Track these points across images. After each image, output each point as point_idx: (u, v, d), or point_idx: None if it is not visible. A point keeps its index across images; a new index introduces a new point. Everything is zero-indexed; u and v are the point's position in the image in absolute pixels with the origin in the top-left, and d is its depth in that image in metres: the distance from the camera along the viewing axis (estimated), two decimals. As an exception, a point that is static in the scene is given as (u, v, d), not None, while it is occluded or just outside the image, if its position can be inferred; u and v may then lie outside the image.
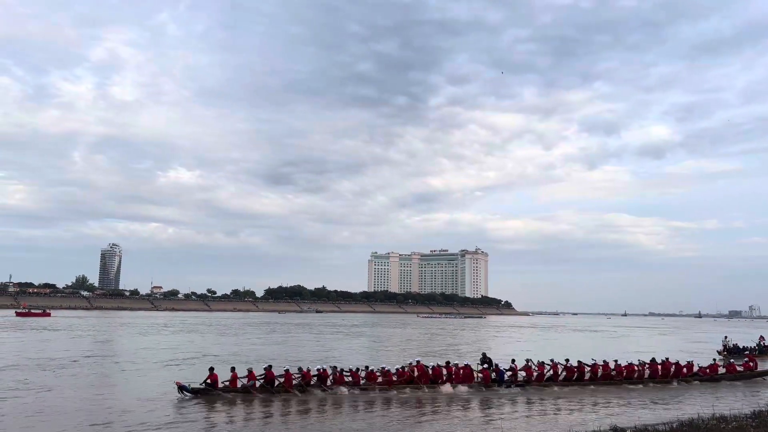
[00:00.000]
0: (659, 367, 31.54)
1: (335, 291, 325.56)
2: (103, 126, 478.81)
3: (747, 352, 50.75)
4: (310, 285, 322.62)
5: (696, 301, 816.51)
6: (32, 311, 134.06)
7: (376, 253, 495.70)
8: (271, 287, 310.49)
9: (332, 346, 59.84)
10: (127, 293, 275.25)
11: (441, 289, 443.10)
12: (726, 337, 55.43)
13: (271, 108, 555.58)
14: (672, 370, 31.89)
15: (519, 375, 28.98)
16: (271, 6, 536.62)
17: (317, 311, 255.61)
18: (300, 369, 26.41)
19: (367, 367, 27.48)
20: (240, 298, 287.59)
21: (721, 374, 33.26)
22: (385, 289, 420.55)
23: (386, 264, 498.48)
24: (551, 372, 29.51)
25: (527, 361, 30.44)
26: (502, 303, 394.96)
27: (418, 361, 28.13)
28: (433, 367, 27.91)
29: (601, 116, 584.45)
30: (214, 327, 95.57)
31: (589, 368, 30.10)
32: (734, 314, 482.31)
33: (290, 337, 73.06)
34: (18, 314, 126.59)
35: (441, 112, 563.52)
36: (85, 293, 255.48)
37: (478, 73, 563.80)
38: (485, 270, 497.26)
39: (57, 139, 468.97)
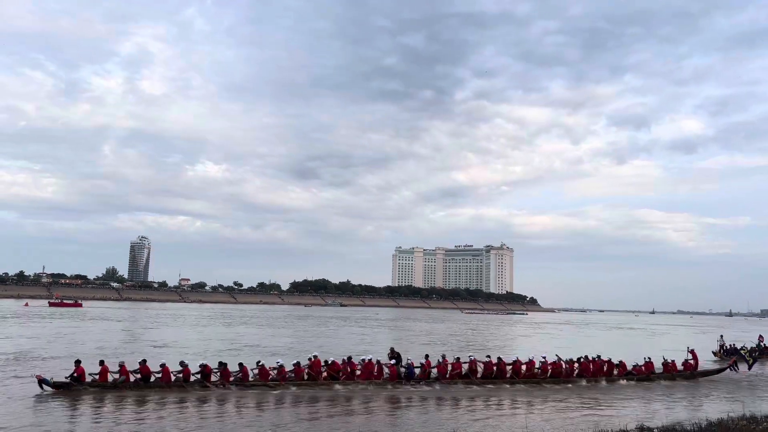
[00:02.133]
0: (589, 365, 30.35)
1: (359, 285, 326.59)
2: (132, 120, 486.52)
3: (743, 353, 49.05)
4: (335, 279, 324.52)
5: (726, 299, 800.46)
6: (64, 302, 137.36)
7: (400, 247, 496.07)
8: (297, 281, 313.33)
9: (375, 339, 60.78)
10: (156, 285, 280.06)
11: (465, 285, 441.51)
12: (721, 337, 52.16)
13: (298, 102, 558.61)
14: (605, 368, 30.70)
15: (433, 372, 27.35)
16: (297, 1, 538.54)
17: (341, 305, 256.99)
18: (181, 363, 24.49)
19: (258, 362, 25.43)
20: (266, 291, 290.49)
21: (658, 373, 31.97)
22: (409, 283, 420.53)
23: (411, 259, 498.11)
24: (476, 369, 28.01)
25: (469, 356, 29.15)
26: (528, 299, 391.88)
27: (315, 356, 26.31)
28: (332, 362, 26.22)
29: (631, 110, 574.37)
30: (262, 319, 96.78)
31: (510, 365, 28.65)
32: (766, 313, 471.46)
33: (331, 330, 74.07)
34: (51, 304, 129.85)
35: (467, 106, 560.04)
36: (115, 285, 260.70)
37: (505, 66, 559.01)
38: (510, 266, 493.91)
39: (88, 133, 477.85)
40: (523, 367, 28.88)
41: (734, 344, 49.50)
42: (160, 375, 23.89)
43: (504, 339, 70.59)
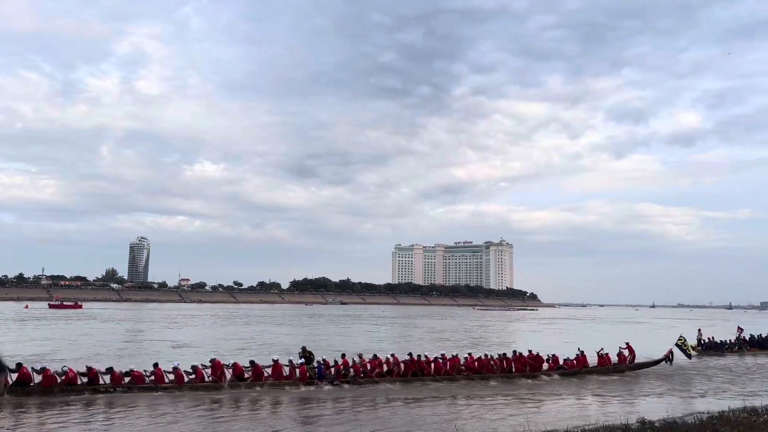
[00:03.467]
0: (519, 360, 29.56)
1: (359, 283, 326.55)
2: (129, 120, 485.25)
3: (727, 347, 46.70)
4: (335, 277, 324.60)
5: (727, 292, 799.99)
6: (64, 303, 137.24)
7: (400, 245, 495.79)
8: (297, 279, 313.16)
9: (390, 336, 60.92)
10: (156, 286, 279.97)
11: (465, 281, 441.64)
12: (699, 331, 49.51)
13: (296, 100, 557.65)
14: (535, 363, 29.83)
15: (349, 371, 25.96)
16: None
17: (342, 303, 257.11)
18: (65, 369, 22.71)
19: (156, 364, 23.92)
20: (266, 290, 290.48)
21: (591, 367, 31.13)
22: (409, 281, 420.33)
23: (410, 256, 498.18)
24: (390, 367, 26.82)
25: (389, 355, 27.84)
26: (528, 295, 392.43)
27: (214, 359, 24.74)
28: (234, 363, 24.68)
29: (630, 104, 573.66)
30: (279, 318, 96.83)
31: (433, 362, 27.53)
32: (766, 305, 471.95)
33: (343, 328, 74.16)
34: (51, 306, 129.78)
35: (465, 102, 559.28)
36: (114, 286, 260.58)
37: (502, 61, 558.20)
38: (510, 262, 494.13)
39: (86, 134, 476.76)
40: (444, 365, 27.68)
41: (713, 338, 48.30)
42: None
43: (517, 335, 70.70)
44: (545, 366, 30.28)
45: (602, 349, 32.70)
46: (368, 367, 26.60)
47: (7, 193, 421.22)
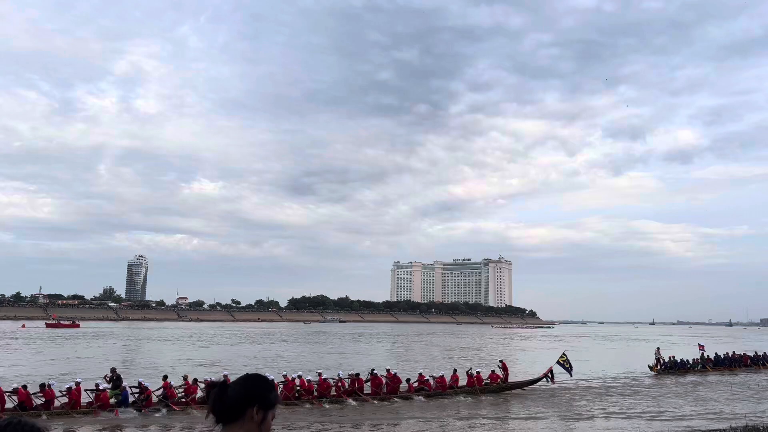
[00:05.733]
0: (373, 380, 28.05)
1: (358, 301, 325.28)
2: (127, 139, 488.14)
3: (688, 366, 44.68)
4: (333, 295, 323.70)
5: (726, 309, 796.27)
6: (61, 322, 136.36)
7: (398, 262, 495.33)
8: (295, 297, 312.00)
9: (407, 355, 60.49)
10: (153, 304, 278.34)
11: (464, 299, 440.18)
12: (658, 350, 47.12)
13: (293, 118, 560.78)
14: (393, 384, 28.29)
15: (155, 395, 24.39)
16: (290, 16, 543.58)
17: (340, 321, 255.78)
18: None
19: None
20: (264, 309, 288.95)
21: (460, 387, 29.68)
22: (408, 298, 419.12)
23: (409, 273, 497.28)
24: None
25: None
26: (527, 312, 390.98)
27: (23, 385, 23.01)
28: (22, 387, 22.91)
29: (627, 121, 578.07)
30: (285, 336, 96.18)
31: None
32: (766, 322, 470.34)
33: (366, 346, 73.74)
34: (48, 325, 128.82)
35: (462, 120, 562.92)
36: (112, 304, 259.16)
37: (499, 79, 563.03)
38: (509, 279, 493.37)
39: (83, 153, 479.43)
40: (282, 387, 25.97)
41: (673, 357, 46.05)
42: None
43: (534, 352, 71.08)
44: (404, 386, 28.74)
45: (471, 368, 31.31)
46: (181, 392, 24.83)
47: (5, 212, 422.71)
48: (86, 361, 48.16)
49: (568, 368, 32.85)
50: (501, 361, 33.36)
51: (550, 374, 31.93)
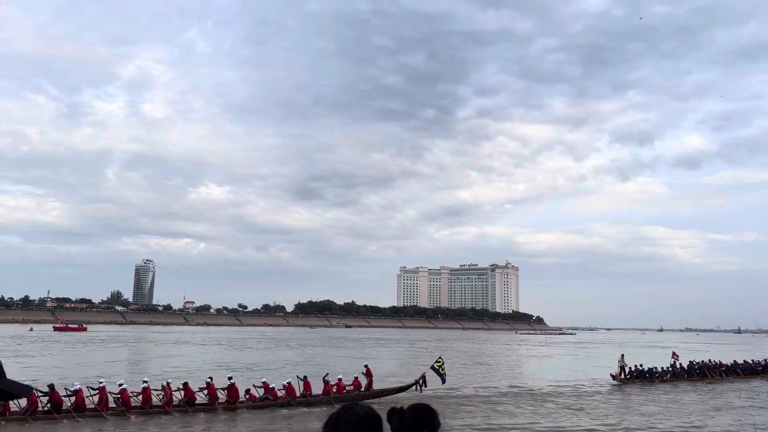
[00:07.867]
0: (195, 392, 26.23)
1: (364, 305, 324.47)
2: (135, 143, 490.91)
3: (658, 375, 42.59)
4: (339, 299, 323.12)
5: (735, 316, 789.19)
6: (69, 326, 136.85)
7: (405, 267, 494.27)
8: (301, 302, 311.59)
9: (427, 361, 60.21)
10: (161, 308, 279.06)
11: (471, 304, 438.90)
12: (622, 357, 44.12)
13: (300, 123, 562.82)
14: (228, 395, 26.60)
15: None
16: (297, 21, 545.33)
17: (347, 326, 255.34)
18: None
19: None
20: (270, 313, 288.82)
21: (316, 396, 27.91)
22: (414, 303, 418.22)
23: (415, 278, 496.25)
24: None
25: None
26: (534, 318, 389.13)
27: None
28: None
29: (634, 126, 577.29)
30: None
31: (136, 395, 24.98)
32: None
33: (385, 351, 73.61)
34: (56, 329, 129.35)
35: (469, 124, 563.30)
36: (119, 308, 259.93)
37: (506, 84, 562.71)
38: (516, 284, 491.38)
39: (91, 157, 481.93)
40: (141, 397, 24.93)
41: (641, 365, 43.42)
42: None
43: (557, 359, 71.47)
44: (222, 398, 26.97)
45: (327, 374, 29.24)
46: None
47: (13, 216, 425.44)
48: (119, 364, 48.48)
49: (442, 374, 29.81)
50: (365, 366, 31.59)
51: (421, 381, 29.64)
